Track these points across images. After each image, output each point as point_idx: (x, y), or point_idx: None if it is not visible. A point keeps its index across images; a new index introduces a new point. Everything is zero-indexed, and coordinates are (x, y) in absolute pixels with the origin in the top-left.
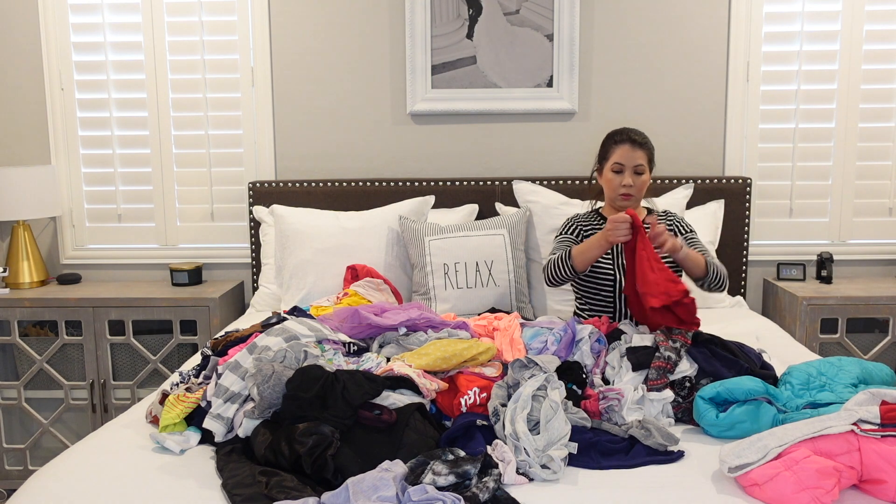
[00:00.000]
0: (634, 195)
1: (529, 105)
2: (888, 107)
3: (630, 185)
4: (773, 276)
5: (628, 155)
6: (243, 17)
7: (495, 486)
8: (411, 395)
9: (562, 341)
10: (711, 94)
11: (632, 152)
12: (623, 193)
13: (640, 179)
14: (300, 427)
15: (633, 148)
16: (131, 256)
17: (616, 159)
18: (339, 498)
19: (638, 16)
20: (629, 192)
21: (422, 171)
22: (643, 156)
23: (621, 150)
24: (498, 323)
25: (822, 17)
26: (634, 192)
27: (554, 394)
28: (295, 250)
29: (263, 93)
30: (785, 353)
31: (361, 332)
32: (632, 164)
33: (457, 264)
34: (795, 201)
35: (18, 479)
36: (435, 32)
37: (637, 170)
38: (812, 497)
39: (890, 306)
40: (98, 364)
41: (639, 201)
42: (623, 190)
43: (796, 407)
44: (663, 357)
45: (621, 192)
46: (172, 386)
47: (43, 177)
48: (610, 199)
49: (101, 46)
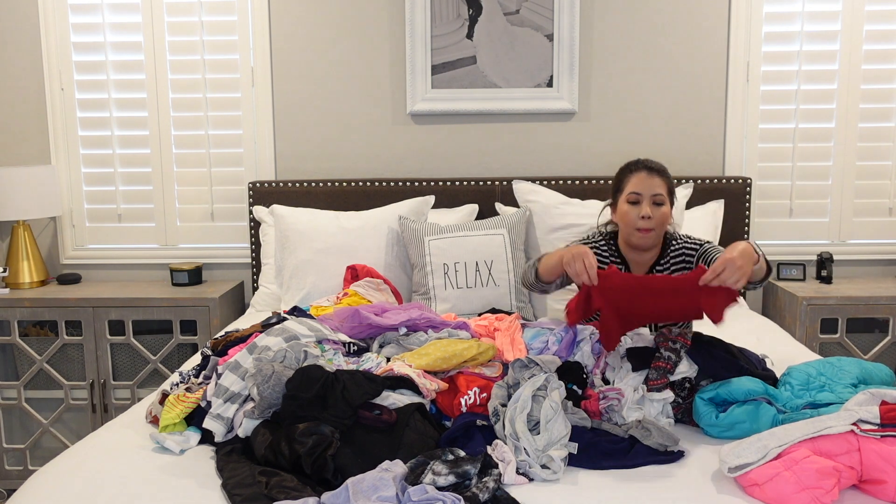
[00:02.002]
0: (654, 229)
1: (529, 105)
2: (888, 107)
3: (649, 216)
4: (773, 276)
5: (646, 183)
6: (243, 17)
7: (495, 486)
8: (411, 395)
9: (563, 341)
10: (711, 95)
11: (649, 180)
12: (641, 228)
13: (659, 211)
14: (300, 427)
15: (651, 175)
16: (131, 256)
17: (632, 188)
18: (339, 498)
19: (638, 16)
20: (648, 227)
21: (422, 171)
22: (662, 184)
23: (637, 178)
24: (499, 323)
25: (822, 17)
26: (654, 226)
27: (554, 394)
28: (295, 250)
29: (263, 93)
30: (785, 353)
31: (362, 332)
32: (650, 193)
33: (457, 264)
34: (795, 201)
35: (18, 479)
36: (435, 32)
37: (656, 199)
38: (812, 497)
39: (890, 306)
40: (98, 364)
41: (659, 237)
42: (641, 224)
43: (796, 407)
44: (663, 357)
45: (639, 225)
46: (172, 386)
47: (43, 177)
48: (626, 236)
49: (101, 46)
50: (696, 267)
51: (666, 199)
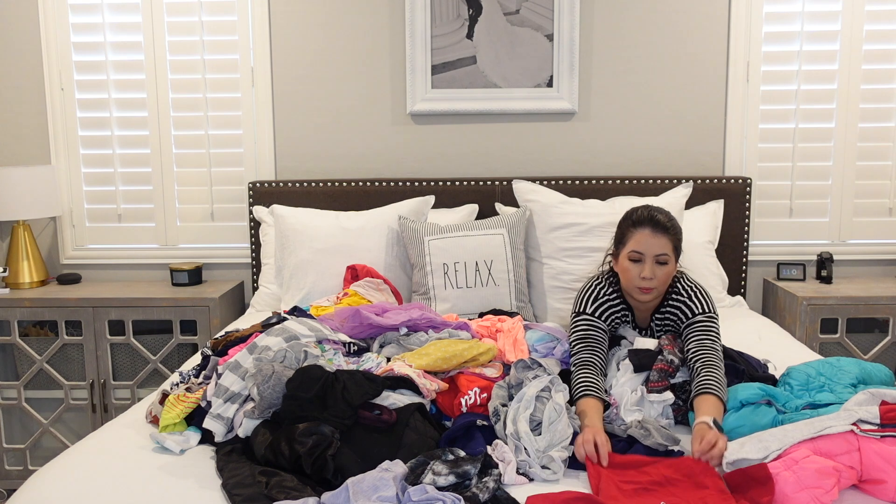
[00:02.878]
0: (656, 288)
1: (529, 105)
2: (888, 107)
3: (650, 278)
4: (773, 276)
5: (649, 242)
6: (243, 17)
7: (495, 486)
8: (411, 396)
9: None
10: (711, 94)
11: (653, 239)
12: (642, 287)
13: (662, 270)
14: (300, 427)
15: (656, 233)
16: (131, 256)
17: (634, 247)
18: (339, 498)
19: (638, 16)
20: (649, 287)
21: (422, 171)
22: (667, 244)
23: (641, 235)
24: (501, 325)
25: (822, 17)
26: (655, 286)
27: (558, 396)
28: (295, 250)
29: (263, 93)
30: (785, 353)
31: (362, 332)
32: (653, 253)
33: (456, 264)
34: (795, 201)
35: (18, 479)
36: (435, 32)
37: (659, 259)
38: (812, 497)
39: (890, 306)
40: (98, 364)
41: (660, 294)
42: (642, 283)
43: (796, 407)
44: (666, 360)
45: (640, 285)
46: (172, 386)
47: (43, 177)
48: (626, 290)
49: (101, 46)
50: (682, 331)
51: (671, 257)
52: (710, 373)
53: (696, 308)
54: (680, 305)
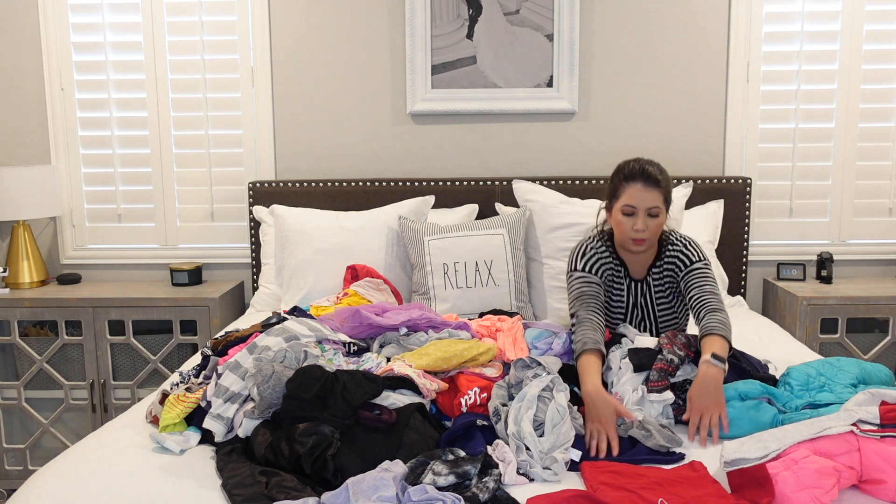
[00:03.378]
0: (648, 239)
1: (529, 105)
2: (888, 107)
3: (642, 229)
4: (773, 276)
5: (641, 196)
6: (243, 17)
7: (495, 486)
8: (411, 396)
9: (565, 344)
10: (711, 94)
11: (645, 192)
12: (635, 239)
13: (654, 222)
14: (300, 427)
15: (647, 188)
16: (131, 256)
17: (627, 200)
18: (339, 498)
19: (638, 16)
20: (642, 238)
21: (422, 171)
22: (658, 196)
23: (633, 189)
24: (501, 324)
25: (822, 17)
26: (647, 237)
27: (560, 396)
28: (295, 250)
29: (263, 93)
30: (785, 353)
31: (362, 332)
32: (645, 207)
33: (456, 264)
34: (795, 201)
35: (18, 479)
36: (435, 32)
37: (651, 212)
38: (811, 497)
39: (890, 306)
40: (98, 364)
41: (653, 244)
42: (635, 235)
43: (796, 407)
44: (665, 360)
45: (633, 236)
46: (172, 386)
47: (43, 177)
48: (620, 241)
49: (101, 46)
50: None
51: (662, 209)
52: (714, 316)
53: (692, 256)
54: (677, 254)
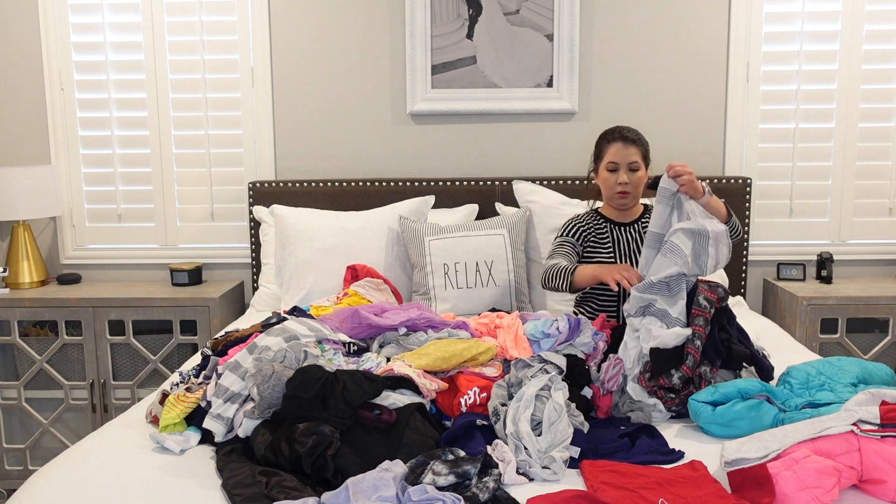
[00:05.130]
0: (631, 192)
1: (529, 105)
2: (888, 107)
3: (626, 182)
4: (773, 276)
5: (622, 153)
6: (243, 17)
7: (495, 486)
8: (411, 395)
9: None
10: (711, 94)
11: (625, 150)
12: (620, 192)
13: (635, 176)
14: (300, 427)
15: (626, 145)
16: (131, 256)
17: (610, 158)
18: (339, 498)
19: (638, 16)
20: (625, 190)
21: (422, 171)
22: (637, 152)
23: (614, 148)
24: (500, 321)
25: (822, 17)
26: (631, 189)
27: (557, 395)
28: (295, 250)
29: (263, 93)
30: (785, 353)
31: (361, 332)
32: (626, 162)
33: (457, 264)
34: (795, 201)
35: (18, 479)
36: (435, 32)
37: (632, 167)
38: (812, 497)
39: (890, 306)
40: (98, 364)
41: (636, 198)
42: (619, 188)
43: (796, 406)
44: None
45: (618, 189)
46: (172, 386)
47: (43, 177)
48: (608, 199)
49: (101, 46)
50: None
51: (641, 164)
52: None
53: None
54: None
